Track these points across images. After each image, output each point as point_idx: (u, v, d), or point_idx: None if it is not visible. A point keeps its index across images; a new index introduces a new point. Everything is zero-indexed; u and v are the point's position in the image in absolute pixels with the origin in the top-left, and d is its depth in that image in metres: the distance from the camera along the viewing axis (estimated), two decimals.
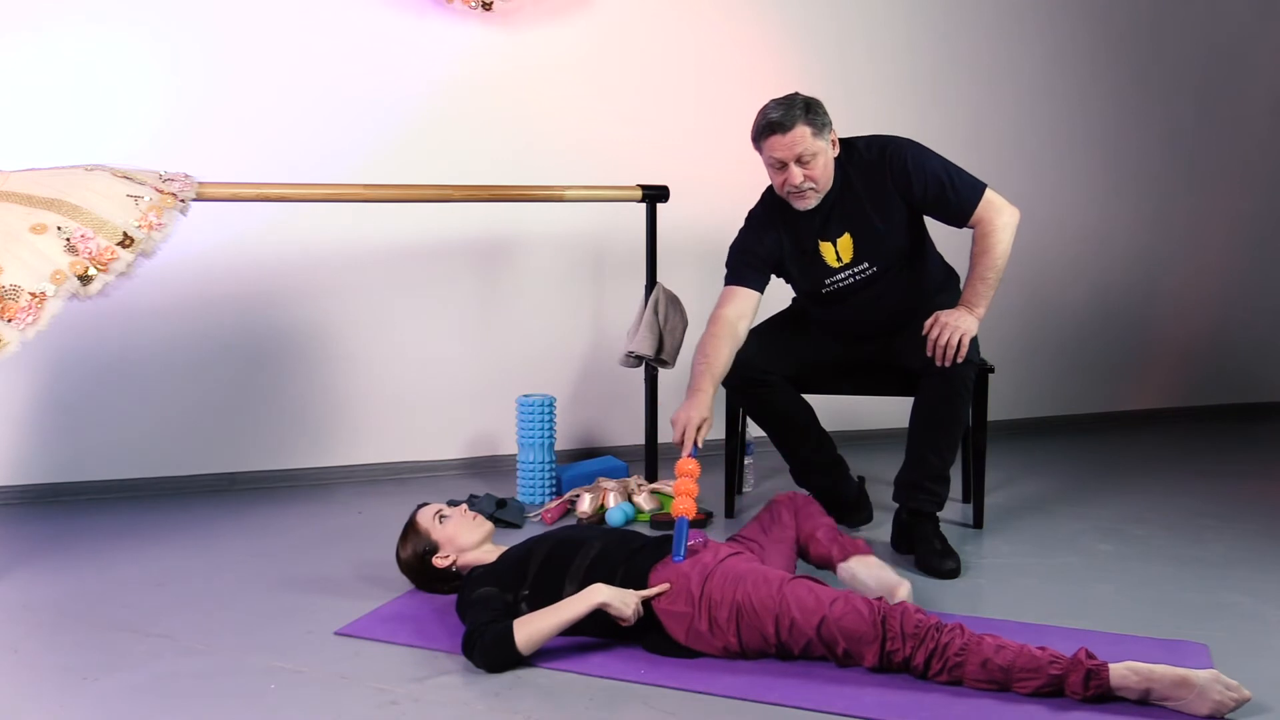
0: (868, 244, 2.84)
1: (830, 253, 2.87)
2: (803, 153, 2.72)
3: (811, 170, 2.74)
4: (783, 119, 2.70)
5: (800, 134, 2.70)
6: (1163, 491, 3.57)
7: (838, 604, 2.07)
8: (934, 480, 2.83)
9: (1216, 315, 4.86)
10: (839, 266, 2.88)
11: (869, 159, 2.82)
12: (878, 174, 2.81)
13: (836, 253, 2.86)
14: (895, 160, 2.80)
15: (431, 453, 3.84)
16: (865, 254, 2.86)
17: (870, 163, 2.82)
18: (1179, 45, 4.61)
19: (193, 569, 2.80)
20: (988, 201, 2.78)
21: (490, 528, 2.51)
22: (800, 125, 2.70)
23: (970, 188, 2.78)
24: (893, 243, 2.85)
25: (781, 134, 2.71)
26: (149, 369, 3.51)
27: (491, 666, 2.12)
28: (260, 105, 3.54)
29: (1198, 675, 1.90)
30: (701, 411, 2.66)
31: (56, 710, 2.02)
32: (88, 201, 2.63)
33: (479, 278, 3.83)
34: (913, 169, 2.78)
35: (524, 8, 3.75)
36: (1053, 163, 4.44)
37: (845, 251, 2.86)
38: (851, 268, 2.88)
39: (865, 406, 3.56)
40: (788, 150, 2.72)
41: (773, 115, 2.72)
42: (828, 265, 2.88)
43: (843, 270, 2.88)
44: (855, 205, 2.82)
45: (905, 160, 2.79)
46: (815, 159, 2.74)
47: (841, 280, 2.90)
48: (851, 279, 2.89)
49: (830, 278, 2.90)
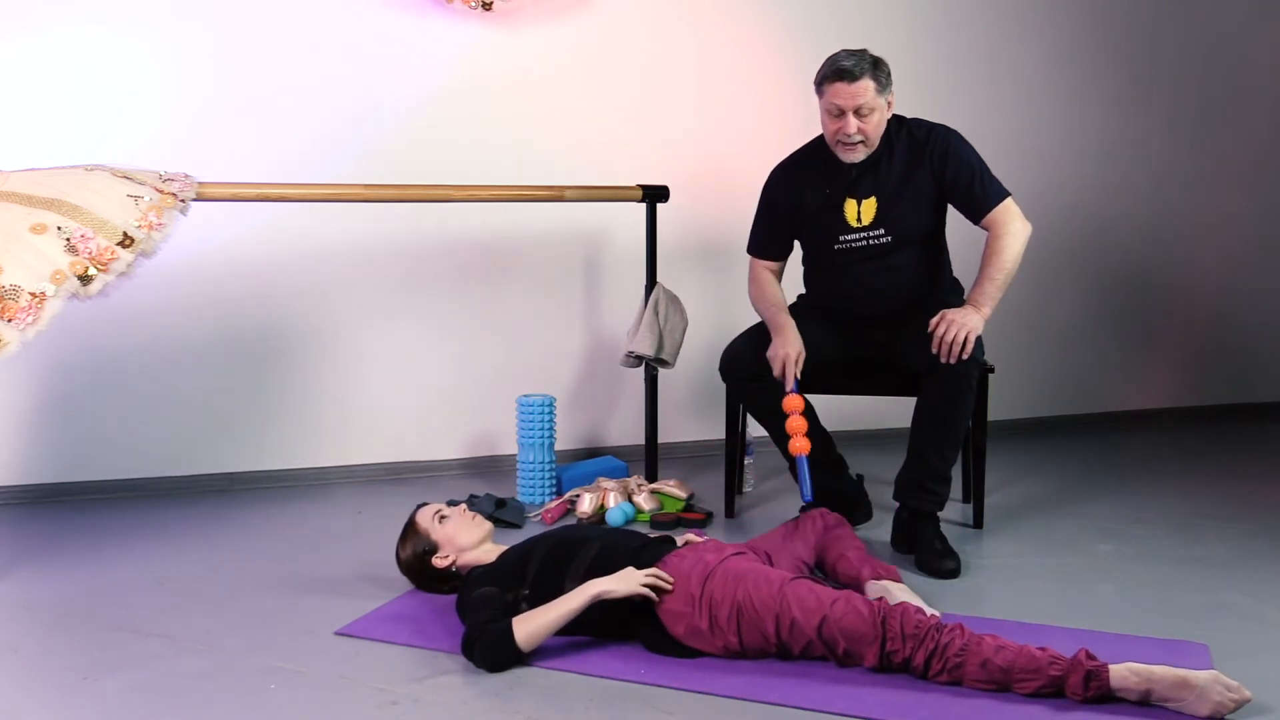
0: (890, 213, 2.91)
1: (853, 211, 2.93)
2: (862, 105, 2.79)
3: (866, 124, 2.82)
4: (853, 68, 2.77)
5: (865, 86, 2.78)
6: (1163, 491, 3.57)
7: (838, 604, 2.07)
8: (935, 480, 2.84)
9: (1216, 315, 4.86)
10: (857, 227, 2.94)
11: (915, 136, 2.92)
12: (919, 151, 2.90)
13: (859, 213, 2.93)
14: (939, 141, 2.90)
15: (431, 453, 3.84)
16: (884, 221, 2.92)
17: (915, 139, 2.91)
18: (1179, 45, 4.61)
19: (193, 569, 2.80)
20: (1007, 207, 2.88)
21: (489, 527, 2.51)
22: (867, 78, 2.78)
23: (995, 188, 2.89)
24: (913, 219, 2.92)
25: (848, 82, 2.78)
26: (149, 369, 3.51)
27: (492, 666, 2.12)
28: (260, 105, 3.53)
29: (1198, 676, 1.90)
30: (795, 344, 2.89)
31: (56, 710, 2.02)
32: (88, 201, 2.63)
33: (479, 277, 3.82)
34: (951, 153, 2.88)
35: (524, 8, 3.75)
36: (1052, 162, 4.44)
37: (867, 214, 2.92)
38: (868, 231, 2.93)
39: (865, 406, 3.56)
40: (849, 99, 2.79)
41: (844, 63, 2.79)
42: (847, 222, 2.94)
43: (859, 231, 2.94)
44: (890, 173, 2.90)
45: (948, 143, 2.89)
46: (872, 114, 2.81)
47: (855, 241, 2.95)
48: (865, 242, 2.94)
49: (845, 234, 2.95)
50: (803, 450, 2.78)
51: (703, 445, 4.07)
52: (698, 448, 4.08)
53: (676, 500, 3.30)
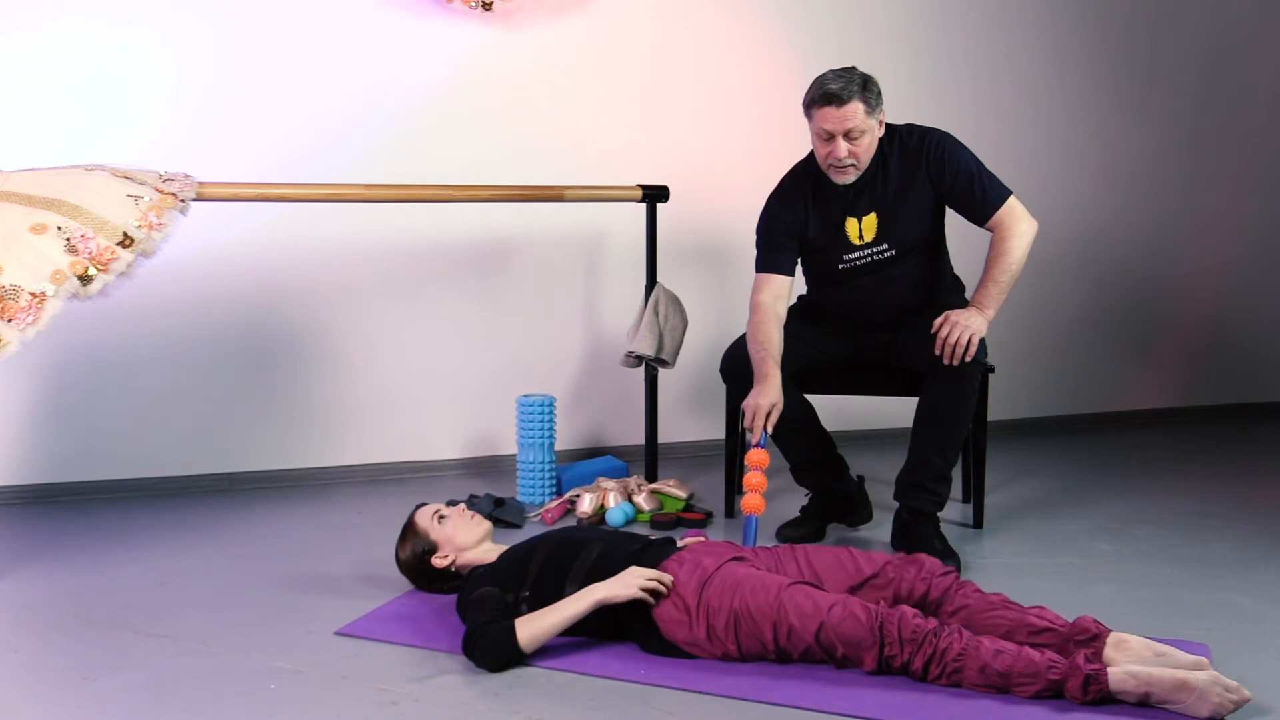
0: (891, 226, 2.88)
1: (854, 229, 2.90)
2: (852, 129, 2.74)
3: (857, 147, 2.77)
4: (840, 91, 2.72)
5: (853, 109, 2.73)
6: (1163, 491, 3.57)
7: (835, 609, 2.07)
8: (935, 480, 2.84)
9: (1216, 314, 4.86)
10: (859, 244, 2.91)
11: (908, 145, 2.87)
12: (914, 160, 2.86)
13: (860, 230, 2.90)
14: (933, 148, 2.85)
15: (431, 453, 3.84)
16: (886, 236, 2.89)
17: (908, 148, 2.87)
18: (1179, 45, 4.61)
19: (193, 569, 2.80)
20: (1010, 207, 2.84)
21: (489, 527, 2.51)
22: (855, 101, 2.73)
23: (997, 189, 2.85)
24: (915, 229, 2.89)
25: (836, 106, 2.73)
26: (149, 369, 3.51)
27: (493, 666, 2.12)
28: (260, 105, 3.53)
29: (1197, 677, 1.90)
30: (771, 397, 2.73)
31: (56, 710, 2.02)
32: (88, 201, 2.63)
33: (479, 278, 3.83)
34: (948, 158, 2.84)
35: (524, 8, 3.75)
36: (1052, 162, 4.44)
37: (869, 230, 2.89)
38: (871, 247, 2.91)
39: (866, 406, 3.56)
40: (838, 123, 2.74)
41: (831, 86, 2.73)
42: (849, 241, 2.91)
43: (862, 249, 2.91)
44: (887, 187, 2.87)
45: (943, 149, 2.85)
46: (863, 137, 2.77)
47: (859, 259, 2.92)
48: (869, 258, 2.92)
49: (849, 254, 2.92)
50: (756, 510, 2.59)
51: (703, 445, 4.07)
52: (698, 448, 4.08)
53: (676, 500, 3.30)
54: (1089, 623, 2.05)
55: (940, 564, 2.24)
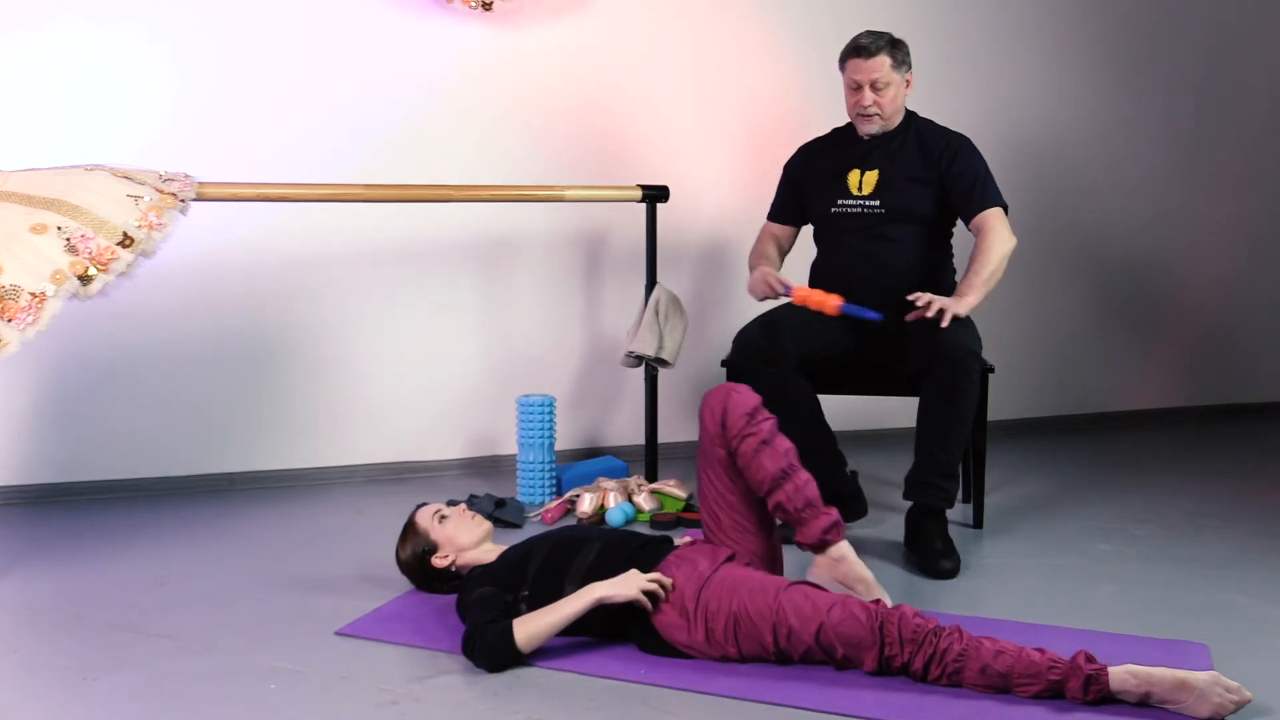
0: (889, 187, 3.07)
1: (855, 180, 3.12)
2: (878, 79, 3.01)
3: (882, 98, 3.03)
4: (869, 45, 3.01)
5: (880, 62, 3.00)
6: (1163, 491, 3.57)
7: (835, 610, 2.07)
8: (941, 476, 2.84)
9: (1216, 314, 4.86)
10: (855, 194, 3.11)
11: (934, 130, 3.13)
12: (932, 144, 3.09)
13: (860, 181, 3.11)
14: (952, 141, 3.09)
15: (431, 453, 3.84)
16: (881, 194, 3.08)
17: (932, 133, 3.11)
18: (1179, 45, 4.60)
19: (193, 569, 2.80)
20: (999, 215, 3.01)
21: (489, 527, 2.51)
22: (882, 55, 3.00)
23: (994, 194, 3.03)
24: (909, 199, 3.06)
25: (864, 58, 3.01)
26: (149, 369, 3.51)
27: (492, 666, 2.12)
28: (260, 105, 3.53)
29: (1197, 677, 1.90)
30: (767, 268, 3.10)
31: (56, 710, 2.02)
32: (88, 201, 2.63)
33: (479, 278, 3.82)
34: (961, 154, 3.06)
35: (524, 8, 3.75)
36: (1052, 162, 4.44)
37: (868, 184, 3.10)
38: (864, 200, 3.10)
39: (865, 406, 3.56)
40: (865, 74, 3.01)
41: (861, 40, 3.04)
42: (848, 188, 3.12)
43: (856, 199, 3.11)
44: (899, 153, 3.09)
45: (960, 145, 3.08)
46: (888, 89, 3.02)
47: (851, 207, 3.12)
48: (860, 209, 3.10)
49: (842, 199, 3.13)
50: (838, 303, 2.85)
51: None
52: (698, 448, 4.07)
53: (676, 500, 3.30)
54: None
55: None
